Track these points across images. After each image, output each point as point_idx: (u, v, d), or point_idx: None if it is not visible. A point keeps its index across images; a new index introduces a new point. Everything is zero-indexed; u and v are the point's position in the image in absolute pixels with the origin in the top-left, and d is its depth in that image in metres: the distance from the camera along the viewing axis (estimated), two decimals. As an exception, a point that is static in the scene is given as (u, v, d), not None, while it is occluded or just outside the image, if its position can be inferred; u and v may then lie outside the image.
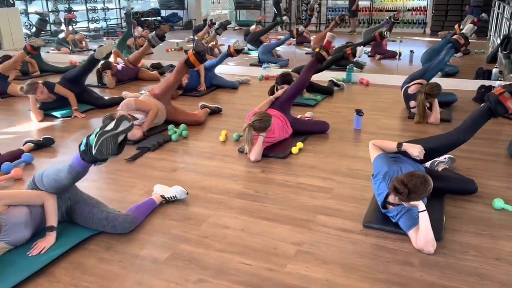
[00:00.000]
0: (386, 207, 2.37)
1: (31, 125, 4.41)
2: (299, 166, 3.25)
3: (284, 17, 9.55)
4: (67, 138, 3.98)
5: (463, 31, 4.87)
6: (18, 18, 9.93)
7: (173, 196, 2.68)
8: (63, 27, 11.34)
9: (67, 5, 11.68)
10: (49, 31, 11.27)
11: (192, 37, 10.89)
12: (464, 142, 2.68)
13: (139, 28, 11.05)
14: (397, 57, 7.35)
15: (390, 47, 8.08)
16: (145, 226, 2.44)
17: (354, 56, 4.82)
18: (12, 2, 10.02)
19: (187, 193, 2.73)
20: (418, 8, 12.23)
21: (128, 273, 2.04)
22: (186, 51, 9.49)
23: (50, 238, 2.20)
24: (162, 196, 2.67)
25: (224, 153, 3.55)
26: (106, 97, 5.21)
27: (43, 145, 3.68)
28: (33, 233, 2.24)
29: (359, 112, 4.05)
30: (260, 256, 2.15)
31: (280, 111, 3.75)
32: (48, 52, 8.75)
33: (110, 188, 2.94)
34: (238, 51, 5.51)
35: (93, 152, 2.01)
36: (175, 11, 15.17)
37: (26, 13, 10.47)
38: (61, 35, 10.22)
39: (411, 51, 7.55)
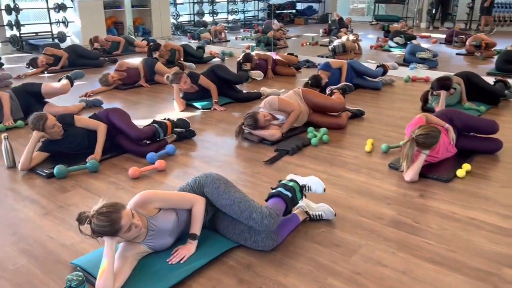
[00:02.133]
0: None
1: (174, 114, 4.50)
2: (469, 195, 2.68)
3: None
4: (205, 131, 3.95)
5: None
6: (167, 9, 10.62)
7: (319, 215, 2.37)
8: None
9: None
10: (192, 21, 11.88)
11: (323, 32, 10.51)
12: None
13: (275, 21, 11.03)
14: None
15: None
16: (287, 246, 2.17)
17: None
18: (164, -7, 10.74)
19: (335, 215, 2.39)
20: None
21: (270, 305, 1.79)
22: (322, 46, 9.25)
23: (191, 247, 2.06)
24: (307, 213, 2.37)
25: (371, 167, 3.14)
26: (244, 91, 5.13)
27: (185, 137, 3.68)
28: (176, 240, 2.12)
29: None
30: (429, 313, 1.73)
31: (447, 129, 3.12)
32: (189, 42, 9.14)
33: (249, 193, 2.72)
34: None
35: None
36: (311, 4, 14.89)
37: (174, 3, 11.13)
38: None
39: None
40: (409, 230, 2.31)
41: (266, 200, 2.22)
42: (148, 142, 3.42)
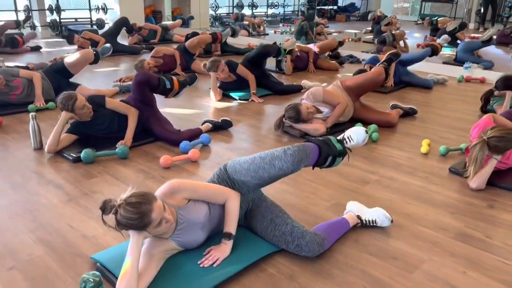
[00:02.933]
0: None
1: (210, 104, 4.27)
2: (548, 209, 2.30)
3: None
4: (242, 123, 3.68)
5: None
6: (207, 0, 10.45)
7: (373, 221, 2.05)
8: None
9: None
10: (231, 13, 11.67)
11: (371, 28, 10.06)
12: None
13: (315, 17, 10.67)
14: None
15: None
16: (334, 255, 1.87)
17: None
18: (203, -16, 10.57)
19: (392, 221, 2.07)
20: None
21: (318, 326, 1.50)
22: (365, 42, 8.82)
23: (225, 248, 1.79)
24: (358, 217, 2.06)
25: (427, 170, 2.78)
26: (284, 83, 4.84)
27: (221, 127, 3.43)
28: (207, 237, 1.86)
29: None
30: None
31: None
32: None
33: (290, 192, 2.46)
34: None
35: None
36: (354, 1, 14.42)
37: (214, -5, 10.95)
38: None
39: None
40: (480, 245, 1.96)
41: None
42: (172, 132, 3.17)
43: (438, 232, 2.06)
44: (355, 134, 2.04)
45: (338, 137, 2.00)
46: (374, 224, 2.06)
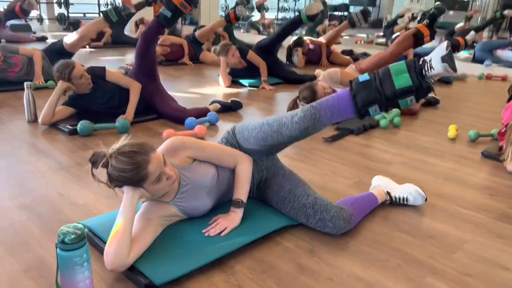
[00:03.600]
0: None
1: (218, 89, 4.03)
2: None
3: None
4: (252, 106, 3.44)
5: None
6: (217, 0, 10.30)
7: (404, 198, 1.79)
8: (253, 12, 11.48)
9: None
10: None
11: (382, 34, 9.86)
12: None
13: (325, 20, 10.50)
14: None
15: None
16: (362, 231, 1.60)
17: None
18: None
19: (426, 199, 1.80)
20: None
21: (347, 305, 1.23)
22: (377, 44, 8.60)
23: (234, 217, 1.53)
24: (388, 194, 1.80)
25: (457, 153, 2.52)
26: (298, 72, 4.61)
27: (230, 108, 3.19)
28: (214, 206, 1.60)
29: None
30: None
31: None
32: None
33: (308, 169, 2.20)
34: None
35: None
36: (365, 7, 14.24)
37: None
38: (254, 19, 10.26)
39: None
40: (530, 228, 1.69)
41: None
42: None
43: (479, 213, 1.79)
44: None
45: (410, 62, 1.42)
46: (405, 202, 1.79)
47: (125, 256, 1.25)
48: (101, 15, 3.94)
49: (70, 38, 3.87)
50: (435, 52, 1.38)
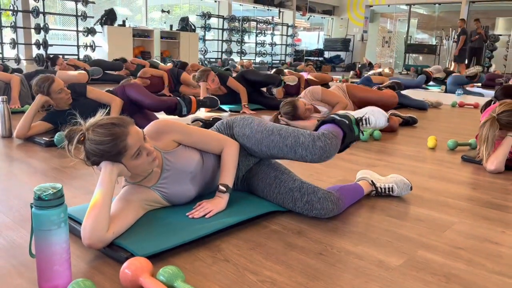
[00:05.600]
0: None
1: (198, 114, 4.03)
2: None
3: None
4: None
5: None
6: (196, 44, 10.58)
7: (390, 188, 1.77)
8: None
9: (239, 37, 12.13)
10: (219, 59, 11.81)
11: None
12: None
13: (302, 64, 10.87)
14: None
15: None
16: (350, 217, 1.57)
17: None
18: (193, 28, 10.76)
19: (411, 188, 1.79)
20: None
21: (341, 274, 1.17)
22: (353, 83, 8.90)
23: (220, 201, 1.48)
24: (373, 184, 1.78)
25: (438, 159, 2.55)
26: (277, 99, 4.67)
27: (211, 126, 3.16)
28: (198, 195, 1.55)
29: None
30: None
31: None
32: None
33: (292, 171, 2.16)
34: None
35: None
36: (339, 53, 14.85)
37: (203, 39, 11.09)
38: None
39: None
40: (515, 212, 1.69)
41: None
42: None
43: (464, 202, 1.79)
44: (375, 116, 1.71)
45: (356, 116, 1.69)
46: (391, 193, 1.77)
47: (103, 230, 1.18)
48: None
49: (65, 73, 3.94)
50: (376, 113, 1.71)
